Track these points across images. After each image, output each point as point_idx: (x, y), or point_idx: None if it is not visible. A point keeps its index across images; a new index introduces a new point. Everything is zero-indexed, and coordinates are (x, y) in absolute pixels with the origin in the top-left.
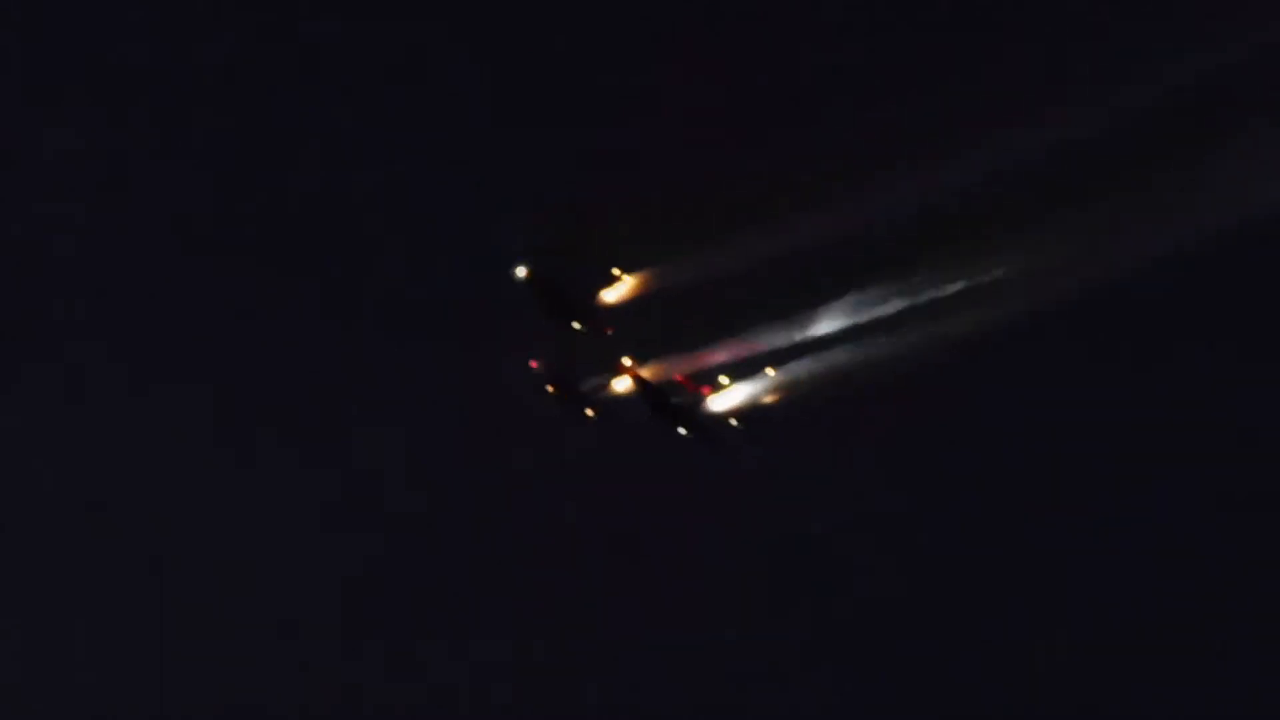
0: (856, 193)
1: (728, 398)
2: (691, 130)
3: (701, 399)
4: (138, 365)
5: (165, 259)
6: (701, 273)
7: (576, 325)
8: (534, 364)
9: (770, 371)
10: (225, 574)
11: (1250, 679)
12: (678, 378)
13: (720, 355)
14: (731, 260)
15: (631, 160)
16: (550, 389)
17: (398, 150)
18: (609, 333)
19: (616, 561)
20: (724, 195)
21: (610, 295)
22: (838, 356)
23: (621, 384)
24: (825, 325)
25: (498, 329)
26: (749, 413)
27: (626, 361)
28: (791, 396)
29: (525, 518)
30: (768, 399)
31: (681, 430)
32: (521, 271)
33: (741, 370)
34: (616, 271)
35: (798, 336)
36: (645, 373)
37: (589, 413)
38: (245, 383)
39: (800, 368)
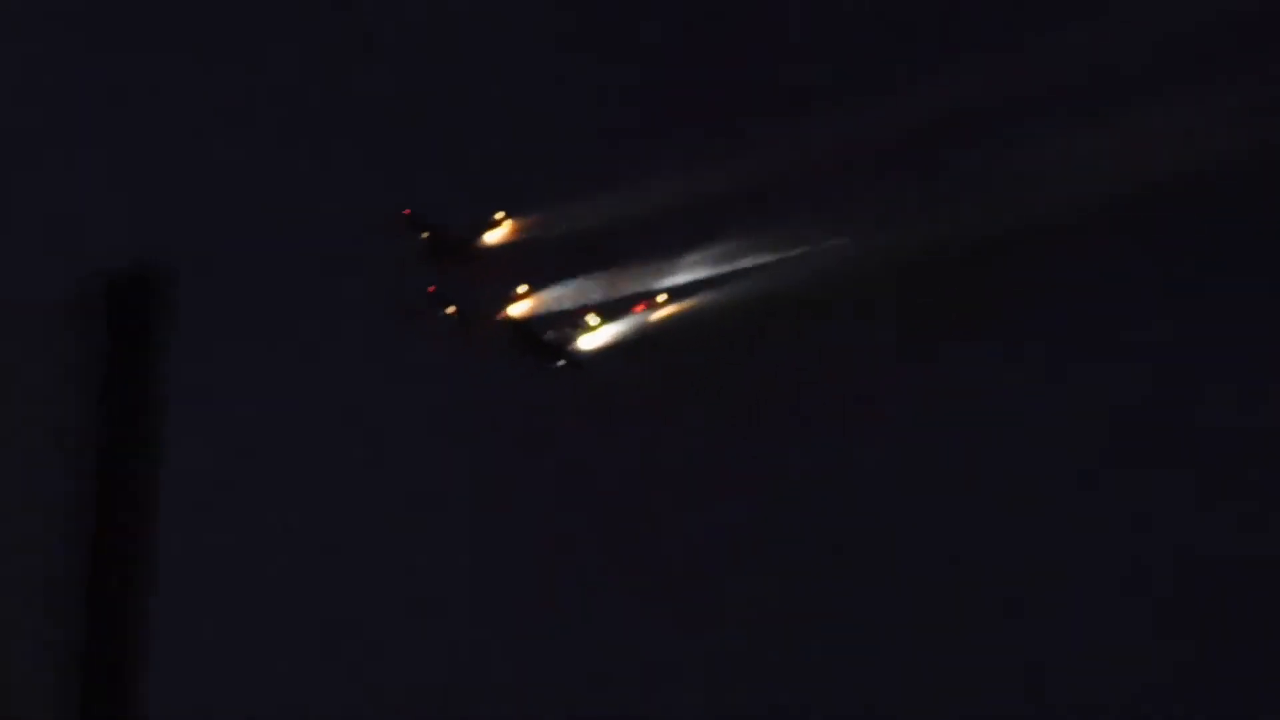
0: (744, 143)
1: (598, 337)
2: (576, 77)
3: (573, 336)
4: None
5: None
6: (583, 219)
7: (467, 261)
8: (432, 289)
9: (659, 301)
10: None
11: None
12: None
13: (595, 295)
14: (613, 207)
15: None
16: (451, 312)
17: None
18: (500, 271)
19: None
20: (608, 142)
21: (492, 237)
22: (713, 299)
23: (518, 309)
24: (694, 272)
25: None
26: (630, 346)
27: (521, 290)
28: (673, 330)
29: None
30: (649, 332)
31: (546, 358)
32: (406, 213)
33: (617, 309)
34: (499, 215)
35: (668, 281)
36: (526, 306)
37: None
38: None
39: (686, 304)
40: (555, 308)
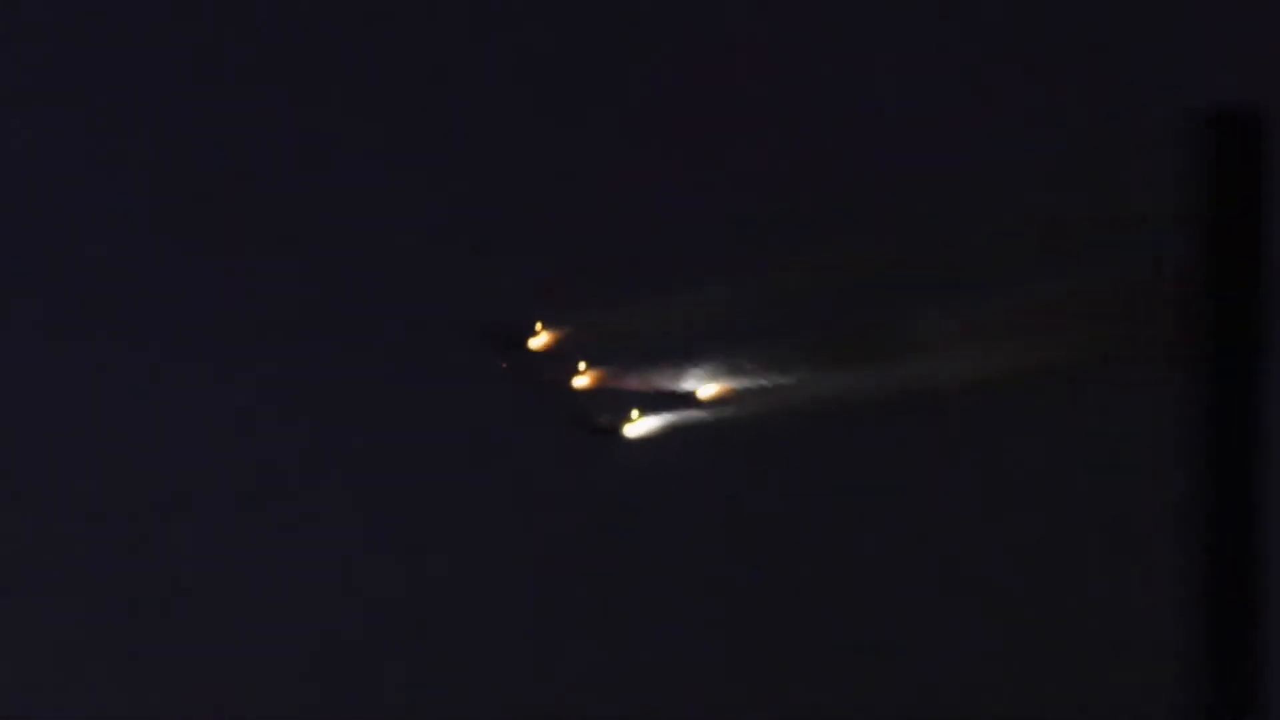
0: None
1: (640, 427)
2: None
3: (621, 422)
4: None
5: None
6: (621, 328)
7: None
8: (504, 366)
9: (704, 388)
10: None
11: None
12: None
13: (648, 385)
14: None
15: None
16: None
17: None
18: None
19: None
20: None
21: (535, 343)
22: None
23: (580, 380)
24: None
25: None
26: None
27: (582, 366)
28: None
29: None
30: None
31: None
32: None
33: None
34: (539, 326)
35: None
36: (586, 380)
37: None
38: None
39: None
40: (613, 386)
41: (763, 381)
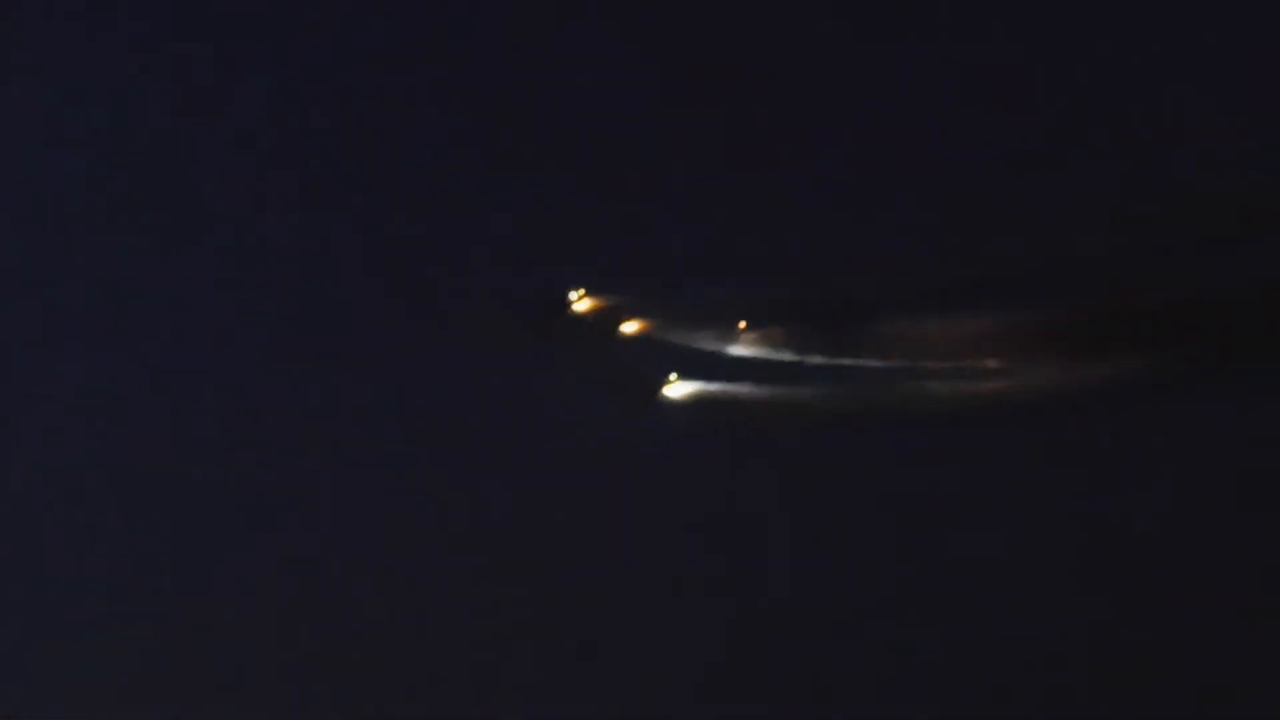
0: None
1: (678, 389)
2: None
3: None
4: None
5: None
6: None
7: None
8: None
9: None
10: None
11: None
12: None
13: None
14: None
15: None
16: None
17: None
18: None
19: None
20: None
21: (579, 308)
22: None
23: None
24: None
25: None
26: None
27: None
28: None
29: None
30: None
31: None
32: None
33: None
34: (580, 292)
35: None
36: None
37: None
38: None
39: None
40: (656, 339)
41: (787, 355)
